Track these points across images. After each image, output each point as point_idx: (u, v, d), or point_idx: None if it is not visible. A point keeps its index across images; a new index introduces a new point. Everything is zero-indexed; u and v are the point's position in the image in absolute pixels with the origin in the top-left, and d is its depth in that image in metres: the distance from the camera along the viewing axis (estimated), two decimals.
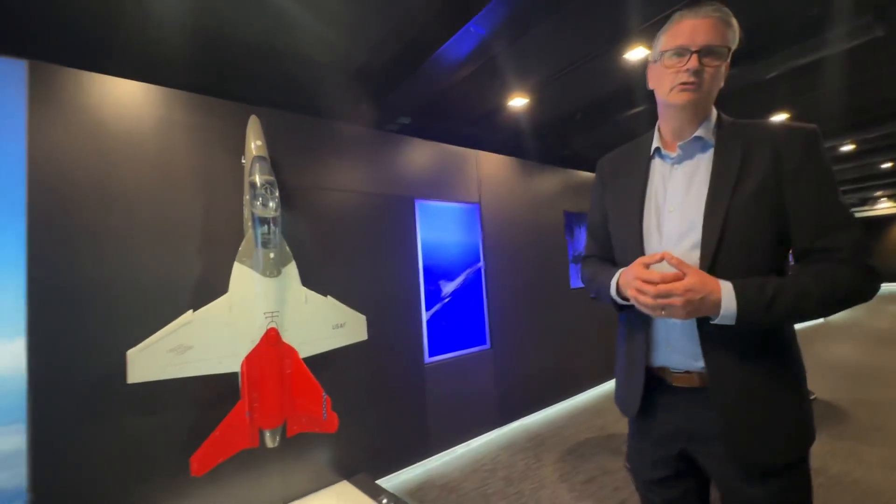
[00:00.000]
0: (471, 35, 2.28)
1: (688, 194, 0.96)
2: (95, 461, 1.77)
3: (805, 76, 3.48)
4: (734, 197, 0.89)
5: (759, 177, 0.88)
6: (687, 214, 0.94)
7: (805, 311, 0.83)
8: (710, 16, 0.90)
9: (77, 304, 1.78)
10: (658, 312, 0.88)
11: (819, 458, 2.63)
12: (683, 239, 0.94)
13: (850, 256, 0.84)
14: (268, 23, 2.28)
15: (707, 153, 0.96)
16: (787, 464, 0.88)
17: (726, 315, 0.83)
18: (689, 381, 0.95)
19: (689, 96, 0.91)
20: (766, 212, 0.88)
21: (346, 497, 2.27)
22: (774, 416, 0.88)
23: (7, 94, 1.71)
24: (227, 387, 2.01)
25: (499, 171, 3.67)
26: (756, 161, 0.90)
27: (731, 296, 0.83)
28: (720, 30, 0.90)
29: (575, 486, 2.49)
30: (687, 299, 0.82)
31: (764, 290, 0.82)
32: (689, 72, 0.89)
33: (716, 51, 0.89)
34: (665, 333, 0.98)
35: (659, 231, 0.98)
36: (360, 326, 2.39)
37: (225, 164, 2.20)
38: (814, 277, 0.84)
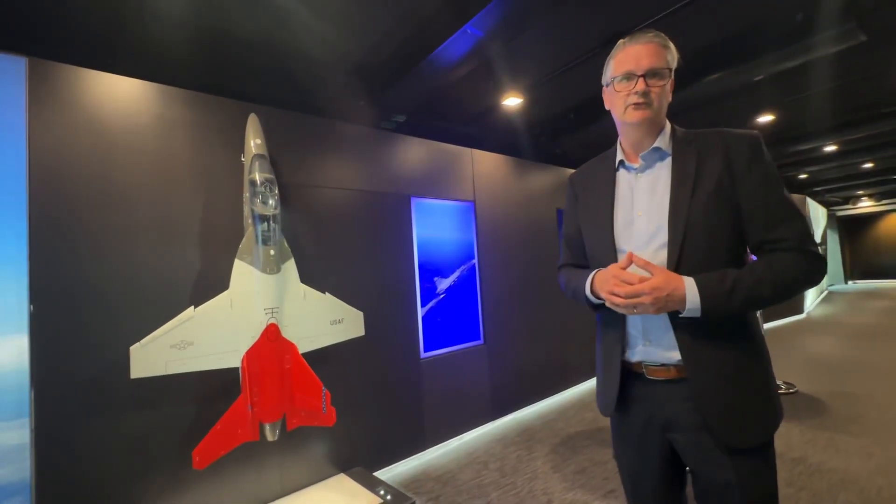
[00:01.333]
0: (467, 36, 2.32)
1: (652, 199, 1.04)
2: (98, 455, 1.80)
3: (791, 79, 3.58)
4: (693, 200, 0.98)
5: (713, 180, 0.98)
6: (654, 218, 1.03)
7: (762, 297, 0.92)
8: (651, 42, 1.01)
9: (79, 301, 1.80)
10: (630, 311, 0.96)
11: (799, 448, 2.74)
12: (652, 240, 1.02)
13: (797, 245, 0.94)
14: (267, 21, 2.29)
15: (666, 161, 1.05)
16: (759, 445, 0.96)
17: (692, 308, 0.92)
18: (666, 373, 1.02)
19: (641, 114, 1.02)
20: (722, 211, 0.97)
21: (344, 489, 2.32)
22: (748, 400, 0.96)
23: (7, 90, 1.71)
24: (228, 382, 2.05)
25: (493, 170, 3.72)
26: (709, 167, 0.99)
27: (694, 289, 0.91)
28: (661, 53, 1.01)
29: (566, 476, 2.56)
30: (654, 297, 0.91)
31: (723, 281, 0.91)
32: (638, 93, 1.00)
33: (659, 72, 1.00)
34: (641, 329, 1.05)
35: (629, 233, 1.06)
36: (358, 322, 2.43)
37: (225, 162, 2.21)
38: (766, 266, 0.94)
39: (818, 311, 8.57)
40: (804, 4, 2.58)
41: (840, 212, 13.80)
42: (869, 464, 2.49)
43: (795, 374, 4.29)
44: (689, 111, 4.19)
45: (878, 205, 13.13)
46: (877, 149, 6.12)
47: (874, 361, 4.64)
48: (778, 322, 7.17)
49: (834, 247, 13.37)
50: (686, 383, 0.98)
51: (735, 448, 0.95)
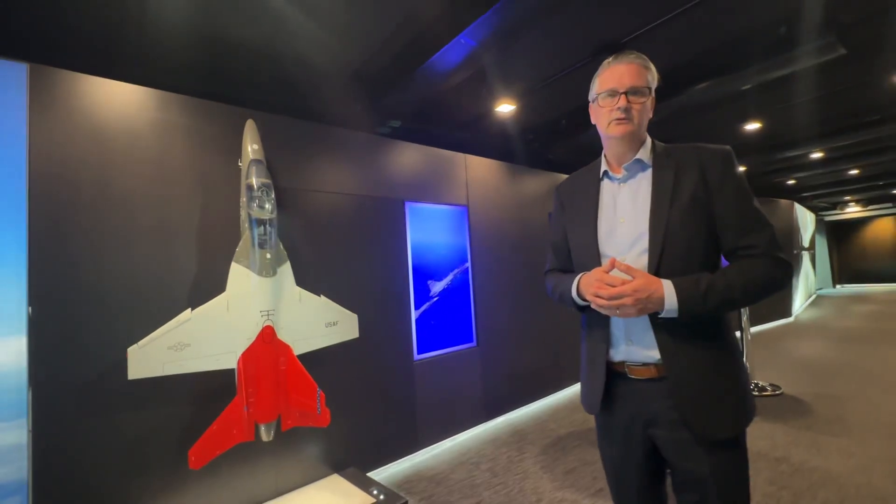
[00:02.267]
0: (461, 46, 2.38)
1: (634, 208, 1.12)
2: (96, 456, 1.82)
3: (777, 89, 3.68)
4: (672, 209, 1.05)
5: (690, 191, 1.06)
6: (635, 225, 1.10)
7: (734, 299, 1.00)
8: (633, 62, 1.09)
9: (77, 303, 1.83)
10: (613, 312, 1.03)
11: (783, 448, 2.82)
12: (633, 246, 1.09)
13: (765, 251, 1.02)
14: (265, 28, 2.34)
15: (646, 172, 1.13)
16: (730, 439, 1.02)
17: (670, 308, 0.99)
18: (647, 372, 1.08)
19: (623, 129, 1.10)
20: (698, 220, 1.05)
21: (338, 489, 2.36)
22: (722, 395, 1.03)
23: (8, 96, 1.74)
24: (224, 383, 2.08)
25: (486, 175, 3.78)
26: (686, 179, 1.07)
27: (672, 291, 0.99)
28: (642, 73, 1.09)
29: (556, 476, 2.62)
30: (636, 298, 0.98)
31: (699, 284, 0.99)
32: (620, 109, 1.08)
33: (639, 90, 1.08)
34: (623, 330, 1.12)
35: (612, 239, 1.13)
36: (352, 325, 2.47)
37: (222, 167, 2.25)
38: (738, 270, 1.01)
39: (806, 314, 8.71)
40: (787, 18, 2.67)
41: (828, 217, 14.03)
42: (849, 463, 2.57)
43: (781, 376, 4.38)
44: (680, 118, 4.28)
45: (866, 210, 13.37)
46: (861, 156, 6.27)
47: (859, 364, 4.75)
48: (765, 325, 7.29)
49: (822, 251, 13.59)
50: (665, 381, 1.05)
51: (710, 441, 1.01)
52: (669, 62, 3.26)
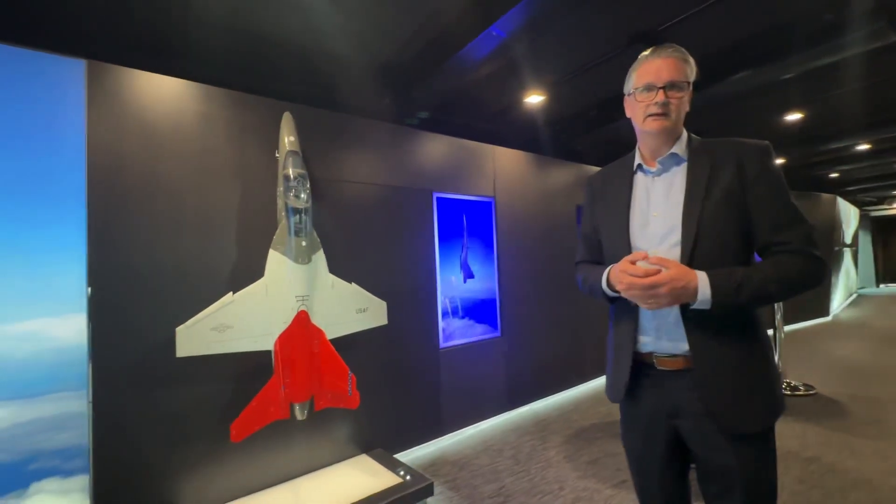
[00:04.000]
0: (492, 38, 2.39)
1: (667, 201, 1.12)
2: (146, 425, 1.97)
3: (821, 77, 3.53)
4: (706, 203, 1.05)
5: (725, 185, 1.05)
6: (668, 219, 1.10)
7: (768, 293, 1.00)
8: (671, 56, 1.09)
9: (131, 284, 1.96)
10: (647, 301, 1.03)
11: (814, 448, 2.76)
12: (666, 239, 1.10)
13: (800, 247, 1.01)
14: (300, 23, 2.41)
15: (681, 167, 1.13)
16: (757, 433, 1.03)
17: (703, 299, 0.99)
18: (675, 364, 1.09)
19: (660, 124, 1.10)
20: (732, 214, 1.04)
21: (366, 468, 2.46)
22: (751, 388, 1.03)
23: (69, 91, 1.87)
24: (262, 363, 2.19)
25: (514, 166, 3.78)
26: (722, 174, 1.06)
27: (706, 282, 0.99)
28: (681, 67, 1.08)
29: (579, 466, 2.65)
30: (671, 287, 0.99)
31: (732, 276, 0.99)
32: (657, 104, 1.08)
33: (678, 85, 1.08)
34: (653, 321, 1.13)
35: (644, 232, 1.14)
36: (382, 312, 2.55)
37: (261, 158, 2.35)
38: (773, 265, 1.01)
39: (845, 313, 8.35)
40: (834, 4, 2.55)
41: (873, 212, 13.30)
42: (884, 465, 2.50)
43: (816, 376, 4.25)
44: (716, 108, 4.16)
45: None
46: None
47: None
48: (801, 324, 7.04)
49: (866, 248, 12.91)
50: (693, 373, 1.06)
51: (736, 434, 1.02)
52: (706, 50, 3.17)
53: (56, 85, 1.84)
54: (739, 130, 5.08)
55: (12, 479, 1.70)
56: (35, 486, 1.73)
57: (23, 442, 1.72)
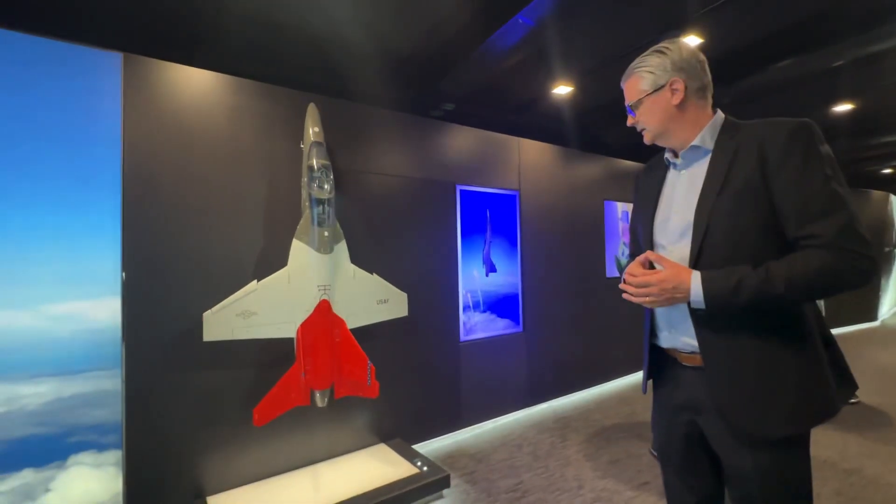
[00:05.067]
0: (518, 26, 2.34)
1: (687, 196, 1.07)
2: (175, 405, 2.05)
3: (874, 65, 3.29)
4: (719, 197, 0.98)
5: (743, 179, 0.96)
6: (685, 215, 1.05)
7: (775, 294, 0.88)
8: (627, 78, 1.14)
9: (162, 270, 2.04)
10: (643, 301, 1.03)
11: (856, 459, 2.60)
12: (682, 237, 1.05)
13: (830, 242, 0.87)
14: (326, 15, 2.43)
15: (706, 159, 1.06)
16: (781, 438, 0.94)
17: (696, 300, 0.96)
18: (695, 360, 1.05)
19: (646, 137, 1.15)
20: (750, 207, 0.95)
21: (385, 458, 2.48)
22: (769, 391, 0.95)
23: (106, 82, 1.95)
24: (284, 350, 2.24)
25: (540, 159, 3.71)
26: (742, 164, 0.97)
27: (699, 283, 0.95)
28: (636, 86, 1.11)
29: (599, 465, 2.59)
30: (661, 288, 0.98)
31: (729, 276, 0.92)
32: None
33: (636, 104, 1.12)
34: (665, 318, 1.11)
35: (665, 228, 1.11)
36: (402, 303, 2.56)
37: (286, 149, 2.39)
38: (786, 263, 0.90)
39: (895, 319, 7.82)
40: None
41: None
42: None
43: (860, 384, 3.98)
44: (757, 98, 3.95)
45: None
46: None
47: None
48: (847, 328, 6.64)
49: None
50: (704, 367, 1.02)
51: (755, 438, 0.96)
52: (745, 38, 3.00)
53: (94, 77, 1.93)
54: None
55: (53, 451, 1.80)
56: (73, 458, 1.84)
57: (63, 416, 1.82)
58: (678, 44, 1.08)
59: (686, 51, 1.07)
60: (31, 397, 1.76)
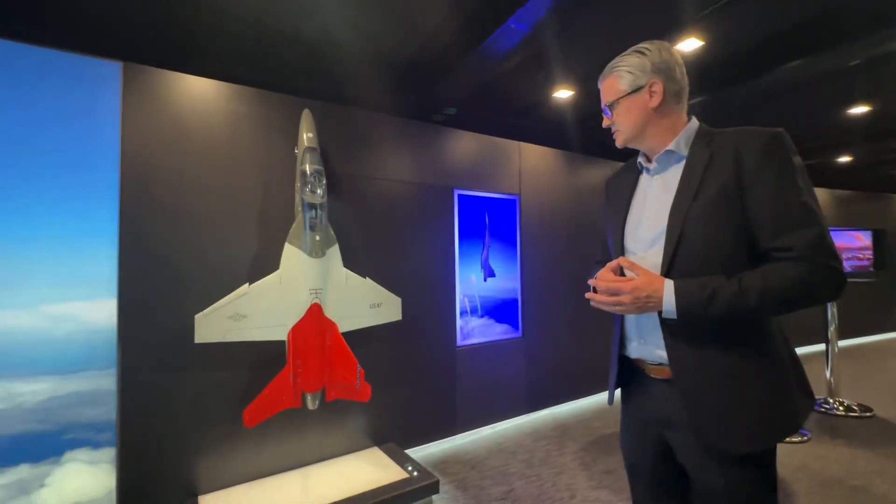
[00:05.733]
0: (512, 31, 2.33)
1: (660, 202, 1.04)
2: (168, 405, 2.10)
3: (889, 65, 3.17)
4: (694, 204, 0.96)
5: (718, 185, 0.95)
6: (658, 221, 1.02)
7: (747, 307, 0.87)
8: (604, 79, 1.12)
9: (158, 273, 2.09)
10: (614, 308, 0.99)
11: (863, 476, 2.50)
12: (654, 244, 1.03)
13: (803, 255, 0.87)
14: (321, 20, 2.45)
15: (680, 164, 1.04)
16: (748, 454, 0.92)
17: (668, 310, 0.93)
18: (663, 372, 1.03)
19: (618, 140, 1.13)
20: (723, 216, 0.94)
21: (376, 461, 2.49)
22: (737, 405, 0.92)
23: (105, 91, 2.01)
24: (276, 353, 2.27)
25: (541, 163, 3.68)
26: (717, 170, 0.96)
27: (671, 293, 0.92)
28: (612, 85, 1.10)
29: (594, 475, 2.55)
30: (634, 297, 0.95)
31: (704, 287, 0.90)
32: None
33: (613, 104, 1.10)
34: (636, 328, 1.08)
35: (636, 234, 1.08)
36: (396, 307, 2.56)
37: (281, 154, 2.43)
38: (759, 275, 0.89)
39: None
40: None
41: None
42: None
43: (875, 397, 3.85)
44: (769, 101, 3.85)
45: None
46: None
47: None
48: (863, 339, 6.39)
49: None
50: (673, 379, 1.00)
51: (723, 454, 0.94)
52: (752, 37, 2.93)
53: (95, 85, 1.99)
54: (795, 125, 4.67)
55: (49, 447, 1.86)
56: (68, 454, 1.89)
57: (59, 414, 1.88)
58: (658, 45, 1.06)
59: (666, 53, 1.05)
60: (28, 395, 1.82)
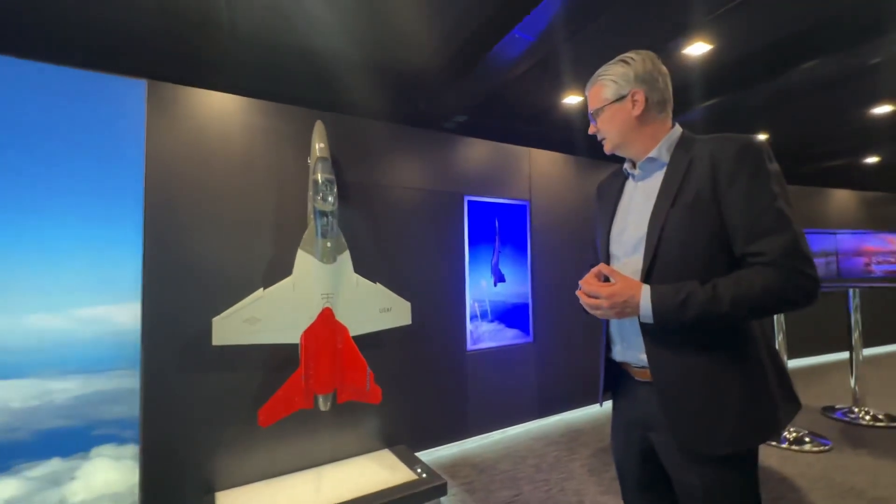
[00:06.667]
0: (517, 41, 2.37)
1: (642, 208, 1.07)
2: (187, 404, 2.20)
3: None
4: (672, 209, 0.99)
5: (694, 191, 0.97)
6: (639, 226, 1.05)
7: (720, 312, 0.89)
8: (590, 88, 1.16)
9: (179, 277, 2.20)
10: (595, 312, 1.02)
11: (886, 488, 2.42)
12: (636, 250, 1.05)
13: (775, 260, 0.88)
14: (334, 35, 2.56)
15: (661, 171, 1.07)
16: (727, 456, 0.94)
17: (645, 315, 0.96)
18: (645, 375, 1.05)
19: (606, 146, 1.16)
20: (699, 222, 0.96)
21: (386, 463, 2.54)
22: (715, 408, 0.94)
23: (131, 107, 2.14)
24: (289, 356, 2.35)
25: (551, 169, 3.70)
26: (694, 177, 0.99)
27: (647, 298, 0.95)
28: (597, 94, 1.13)
29: (603, 481, 2.54)
30: (612, 302, 0.98)
31: (678, 292, 0.92)
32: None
33: (598, 112, 1.14)
34: (619, 332, 1.11)
35: (620, 240, 1.11)
36: (406, 312, 2.62)
37: (295, 164, 2.52)
38: (732, 281, 0.91)
39: None
40: None
41: None
42: None
43: None
44: (786, 102, 3.77)
45: None
46: None
47: None
48: (891, 346, 6.11)
49: None
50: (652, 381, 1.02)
51: (702, 455, 0.96)
52: (768, 38, 2.89)
53: (121, 101, 2.12)
54: (814, 127, 4.55)
55: (78, 442, 1.98)
56: (95, 450, 2.01)
57: (87, 411, 2.00)
58: (642, 55, 1.09)
59: (649, 63, 1.08)
60: (59, 392, 1.94)
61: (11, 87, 1.93)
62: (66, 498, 1.93)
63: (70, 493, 1.94)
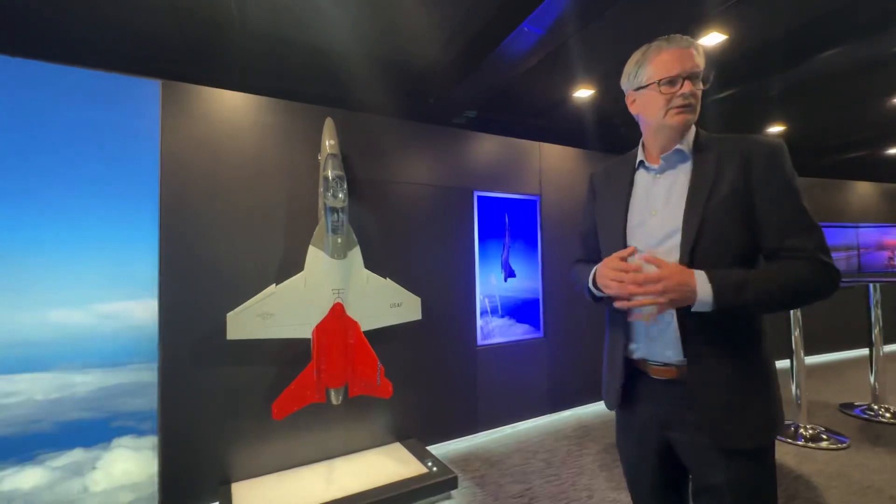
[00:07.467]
0: (526, 34, 2.36)
1: (669, 200, 1.06)
2: (203, 396, 2.25)
3: None
4: (709, 202, 0.99)
5: (730, 185, 0.99)
6: (669, 218, 1.04)
7: (772, 297, 0.93)
8: (690, 45, 1.03)
9: (194, 274, 2.25)
10: (642, 301, 0.95)
11: None
12: (666, 240, 1.03)
13: (811, 255, 0.94)
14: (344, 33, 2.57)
15: (686, 164, 1.06)
16: (754, 449, 0.97)
17: (703, 299, 0.92)
18: (668, 373, 1.04)
19: (686, 117, 1.03)
20: (736, 216, 0.98)
21: (397, 456, 2.57)
22: (745, 403, 0.97)
23: (146, 107, 2.19)
24: (302, 350, 2.38)
25: (561, 163, 3.67)
26: (728, 171, 1.00)
27: (705, 280, 0.92)
28: (699, 58, 1.03)
29: (614, 476, 2.53)
30: (665, 285, 0.91)
31: (731, 276, 0.93)
32: (683, 96, 1.02)
33: (699, 74, 1.03)
34: (645, 330, 1.07)
35: (641, 230, 1.08)
36: (416, 307, 2.64)
37: (305, 161, 2.55)
38: (779, 269, 0.95)
39: None
40: None
41: None
42: None
43: None
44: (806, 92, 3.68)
45: None
46: None
47: None
48: None
49: None
50: (685, 383, 1.00)
51: (730, 450, 0.97)
52: (784, 27, 2.82)
53: (136, 101, 2.17)
54: (833, 118, 4.43)
55: (99, 433, 2.04)
56: (116, 440, 2.07)
57: (107, 403, 2.06)
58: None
59: None
60: (80, 385, 2.00)
61: (38, 90, 1.98)
62: (89, 487, 2.00)
63: (92, 482, 2.01)
